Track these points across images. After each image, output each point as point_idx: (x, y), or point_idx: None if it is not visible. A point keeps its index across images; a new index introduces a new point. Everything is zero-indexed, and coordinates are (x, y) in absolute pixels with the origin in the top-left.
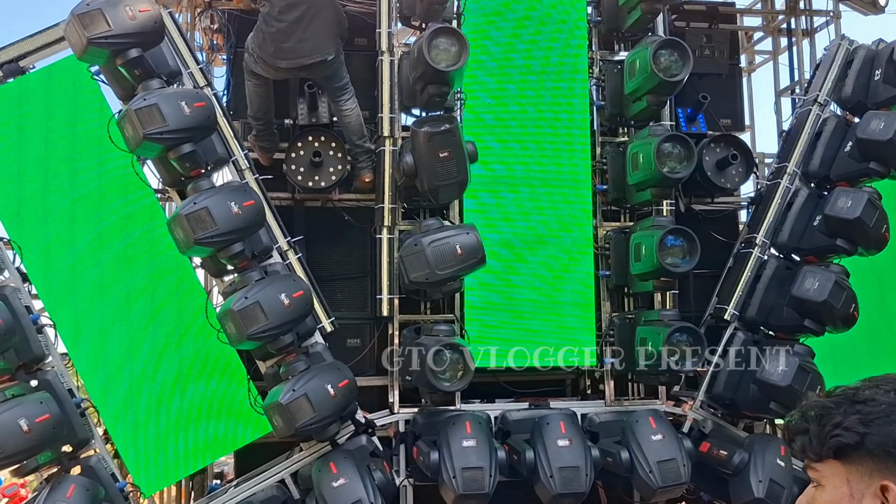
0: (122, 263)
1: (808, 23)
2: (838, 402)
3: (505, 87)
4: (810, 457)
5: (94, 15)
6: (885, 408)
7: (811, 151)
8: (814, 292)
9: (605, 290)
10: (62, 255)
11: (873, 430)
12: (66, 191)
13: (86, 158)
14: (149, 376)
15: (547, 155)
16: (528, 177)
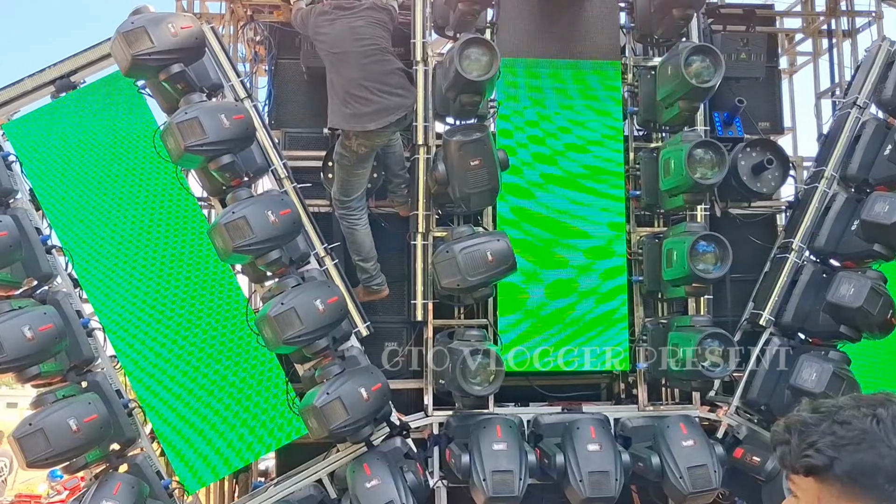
0: (167, 269)
1: (849, 24)
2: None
3: (537, 93)
4: (788, 468)
5: (138, 33)
6: (857, 434)
7: (850, 155)
8: (849, 298)
9: (639, 296)
10: (111, 262)
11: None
12: (115, 199)
13: (134, 168)
14: (193, 377)
15: (579, 161)
16: (560, 183)
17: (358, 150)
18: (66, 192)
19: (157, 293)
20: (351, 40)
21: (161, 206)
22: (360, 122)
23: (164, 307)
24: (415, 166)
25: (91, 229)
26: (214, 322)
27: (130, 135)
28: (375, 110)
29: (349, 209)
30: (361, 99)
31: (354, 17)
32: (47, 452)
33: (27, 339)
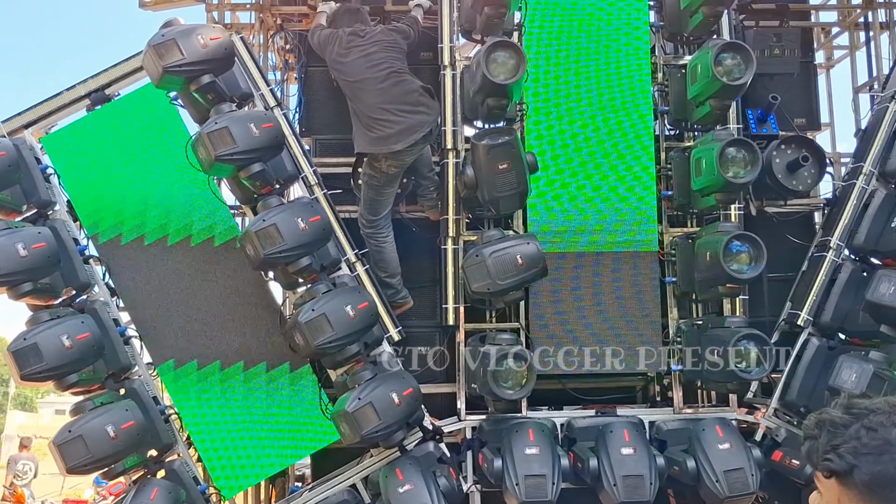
0: (202, 277)
1: (887, 15)
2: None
3: (567, 95)
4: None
5: (169, 45)
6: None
7: (889, 150)
8: (889, 297)
9: (672, 297)
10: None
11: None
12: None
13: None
14: (228, 384)
15: (611, 161)
16: (592, 183)
17: (388, 171)
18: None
19: (191, 300)
20: (365, 68)
21: (195, 213)
22: (386, 144)
23: (197, 314)
24: (444, 171)
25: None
26: (248, 328)
27: (164, 145)
28: (399, 130)
29: (376, 228)
30: (384, 122)
31: (368, 45)
32: (86, 458)
33: (65, 347)
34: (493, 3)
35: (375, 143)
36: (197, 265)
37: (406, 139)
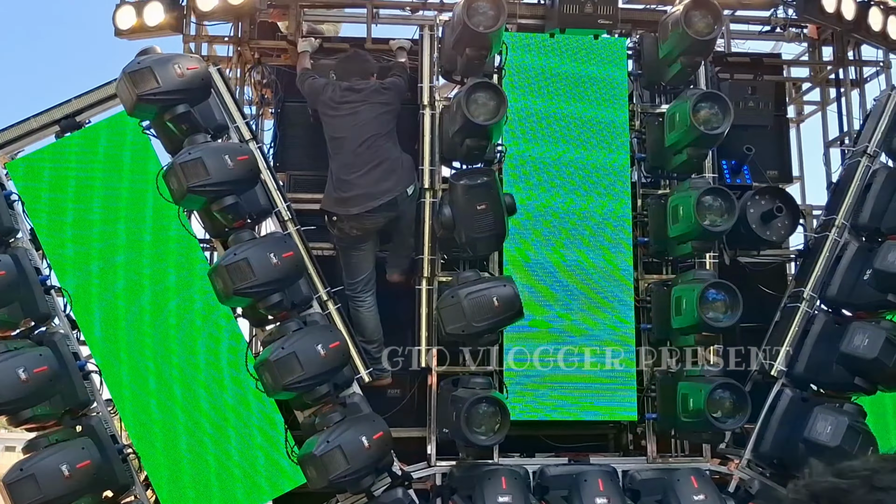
0: (167, 312)
1: (857, 73)
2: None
3: (546, 139)
4: None
5: (144, 73)
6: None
7: (861, 204)
8: (864, 349)
9: (647, 344)
10: (109, 303)
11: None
12: (115, 240)
13: (135, 209)
14: (190, 423)
15: (587, 206)
16: (569, 228)
17: (350, 233)
18: (65, 231)
19: (155, 336)
20: (350, 127)
21: (163, 247)
22: (344, 206)
23: (162, 350)
24: (421, 210)
25: (90, 269)
26: (214, 367)
27: (133, 175)
28: (358, 195)
29: (354, 291)
30: (348, 184)
31: (359, 104)
32: (38, 499)
33: (21, 381)
34: (474, 45)
35: (336, 203)
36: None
37: (363, 204)
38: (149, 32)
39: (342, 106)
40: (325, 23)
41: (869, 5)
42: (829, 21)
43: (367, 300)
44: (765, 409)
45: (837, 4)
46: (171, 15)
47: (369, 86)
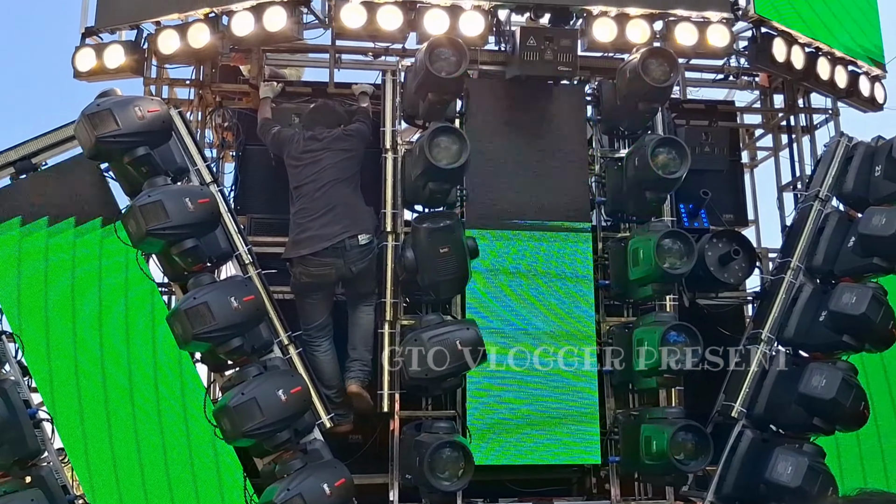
0: (123, 357)
1: (807, 120)
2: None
3: (507, 182)
4: None
5: (104, 115)
6: None
7: (814, 247)
8: (821, 390)
9: (609, 387)
10: (63, 349)
11: None
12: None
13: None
14: (145, 472)
15: (549, 250)
16: (530, 272)
17: (300, 279)
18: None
19: (110, 382)
20: (311, 174)
21: (119, 291)
22: (295, 248)
23: (117, 397)
24: (383, 253)
25: (43, 315)
26: (171, 413)
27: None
28: (308, 237)
29: (310, 336)
30: (301, 227)
31: (321, 152)
32: None
33: None
34: (437, 90)
35: (290, 247)
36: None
37: (311, 245)
38: (109, 74)
39: (304, 156)
40: (288, 67)
41: (817, 55)
42: (780, 70)
43: (323, 345)
44: (726, 451)
45: (787, 54)
46: (131, 57)
47: (332, 133)
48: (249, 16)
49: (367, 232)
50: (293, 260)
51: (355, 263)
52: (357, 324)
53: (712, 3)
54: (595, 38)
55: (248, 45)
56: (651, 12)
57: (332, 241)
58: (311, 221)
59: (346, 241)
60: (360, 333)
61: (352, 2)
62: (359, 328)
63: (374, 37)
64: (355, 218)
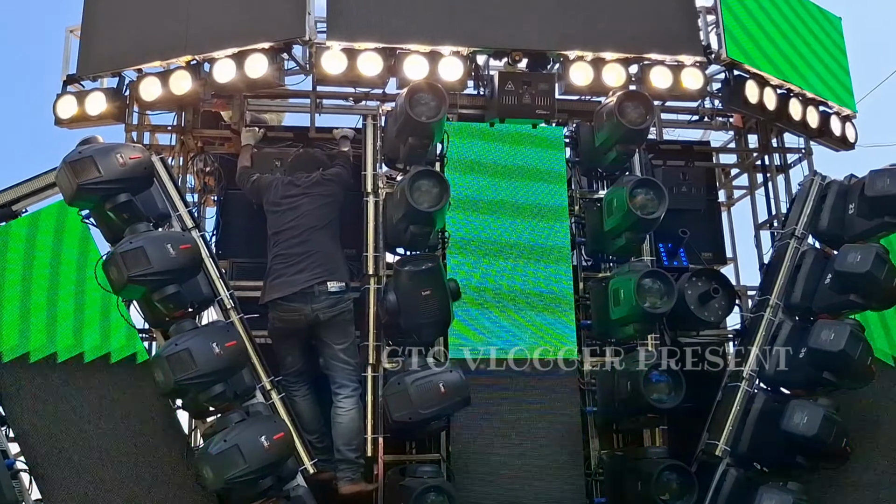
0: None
1: (781, 159)
2: None
3: (488, 225)
4: None
5: (86, 162)
6: None
7: (792, 284)
8: (803, 427)
9: (593, 427)
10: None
11: None
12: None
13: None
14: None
15: (531, 290)
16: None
17: (274, 324)
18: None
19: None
20: (288, 221)
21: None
22: (268, 293)
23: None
24: (365, 297)
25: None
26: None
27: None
28: (282, 282)
29: (288, 381)
30: (275, 272)
31: (299, 197)
32: None
33: None
34: (417, 134)
35: (263, 292)
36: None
37: (282, 290)
38: (91, 121)
39: (283, 201)
40: (269, 112)
41: (789, 97)
42: (753, 111)
43: (301, 390)
44: (711, 491)
45: (760, 96)
46: (113, 104)
47: (311, 178)
48: (231, 63)
49: (340, 280)
50: (269, 305)
51: (323, 311)
52: (336, 421)
53: (685, 47)
54: (572, 81)
55: (229, 91)
56: (626, 56)
57: (302, 286)
58: (285, 268)
59: (316, 287)
60: (340, 432)
61: (332, 48)
62: (338, 426)
63: (354, 82)
64: (329, 266)
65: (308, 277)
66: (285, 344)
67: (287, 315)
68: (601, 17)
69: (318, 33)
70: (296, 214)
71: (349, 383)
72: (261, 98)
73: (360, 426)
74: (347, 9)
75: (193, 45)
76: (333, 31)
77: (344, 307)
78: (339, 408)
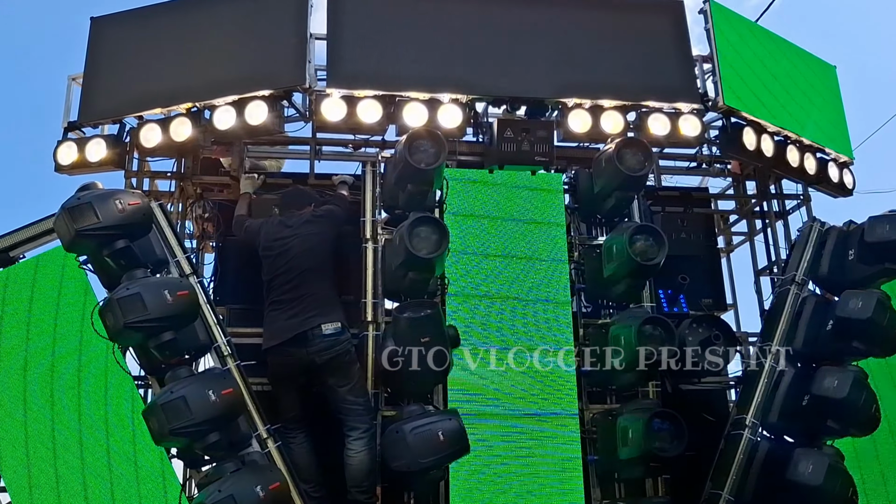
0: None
1: (780, 205)
2: None
3: (487, 270)
4: None
5: (84, 208)
6: None
7: (794, 331)
8: (808, 476)
9: (594, 476)
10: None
11: None
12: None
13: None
14: None
15: (530, 337)
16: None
17: (273, 369)
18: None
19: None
20: (281, 265)
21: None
22: (267, 340)
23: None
24: (363, 344)
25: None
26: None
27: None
28: (278, 327)
29: (285, 428)
30: (272, 318)
31: (290, 238)
32: None
33: None
34: (416, 180)
35: (264, 339)
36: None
37: (279, 336)
38: (90, 168)
39: (275, 244)
40: (269, 159)
41: (786, 143)
42: (751, 158)
43: (298, 437)
44: None
45: (757, 143)
46: (113, 151)
47: (302, 217)
48: (231, 110)
49: (335, 321)
50: (268, 351)
51: (319, 354)
52: (346, 463)
53: (683, 94)
54: (570, 128)
55: (229, 138)
56: (624, 104)
57: (296, 331)
58: (280, 314)
59: (309, 331)
60: (350, 474)
61: (332, 96)
62: (348, 468)
63: (354, 129)
64: (322, 309)
65: (301, 321)
66: (283, 388)
67: (283, 360)
68: (599, 66)
69: (318, 81)
70: (288, 258)
71: (360, 425)
72: (260, 145)
73: (370, 468)
74: (347, 57)
75: (194, 92)
76: (333, 78)
77: (340, 349)
78: (350, 449)
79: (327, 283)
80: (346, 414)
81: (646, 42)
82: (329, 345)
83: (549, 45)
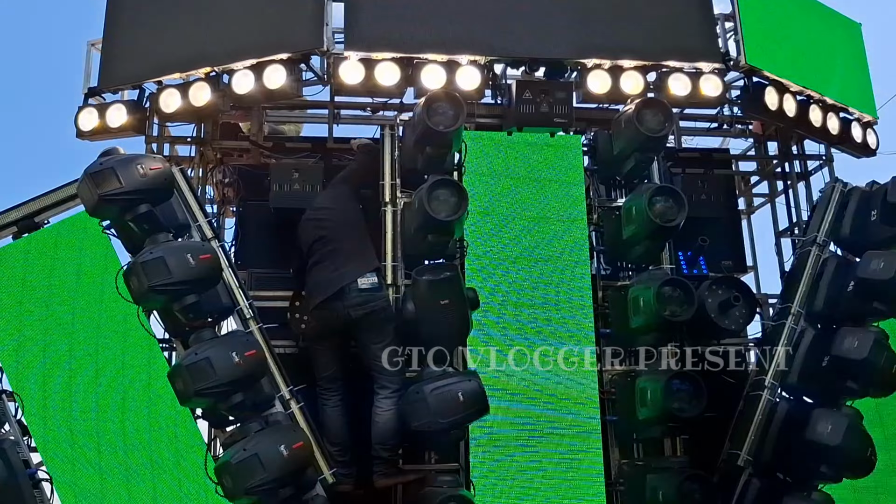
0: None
1: (802, 166)
2: None
3: (507, 233)
4: None
5: (107, 173)
6: None
7: (814, 292)
8: (827, 436)
9: (613, 436)
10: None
11: None
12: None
13: (87, 310)
14: None
15: (549, 299)
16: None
17: (318, 323)
18: (21, 334)
19: (111, 441)
20: (319, 230)
21: (121, 348)
22: (308, 301)
23: (119, 456)
24: None
25: (46, 374)
26: (172, 471)
27: (91, 275)
28: (316, 285)
29: (321, 387)
30: (312, 278)
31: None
32: None
33: None
34: (435, 143)
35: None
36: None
37: (319, 294)
38: (111, 133)
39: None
40: (287, 123)
41: (809, 103)
42: (773, 118)
43: (332, 399)
44: (734, 501)
45: (779, 103)
46: (133, 116)
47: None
48: (250, 74)
49: (371, 278)
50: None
51: (354, 309)
52: (373, 420)
53: (704, 54)
54: (590, 90)
55: (248, 102)
56: (644, 64)
57: (334, 288)
58: (319, 273)
59: (346, 286)
60: (376, 431)
61: (350, 59)
62: (374, 425)
63: (372, 92)
64: (358, 263)
65: (340, 276)
66: (320, 346)
67: (325, 314)
68: (619, 26)
69: (336, 44)
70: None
71: (390, 385)
72: (279, 109)
73: (395, 427)
74: (365, 19)
75: (213, 57)
76: (351, 41)
77: (375, 305)
78: (378, 407)
79: (362, 238)
80: (378, 372)
81: (666, 1)
82: (364, 300)
83: (568, 5)
